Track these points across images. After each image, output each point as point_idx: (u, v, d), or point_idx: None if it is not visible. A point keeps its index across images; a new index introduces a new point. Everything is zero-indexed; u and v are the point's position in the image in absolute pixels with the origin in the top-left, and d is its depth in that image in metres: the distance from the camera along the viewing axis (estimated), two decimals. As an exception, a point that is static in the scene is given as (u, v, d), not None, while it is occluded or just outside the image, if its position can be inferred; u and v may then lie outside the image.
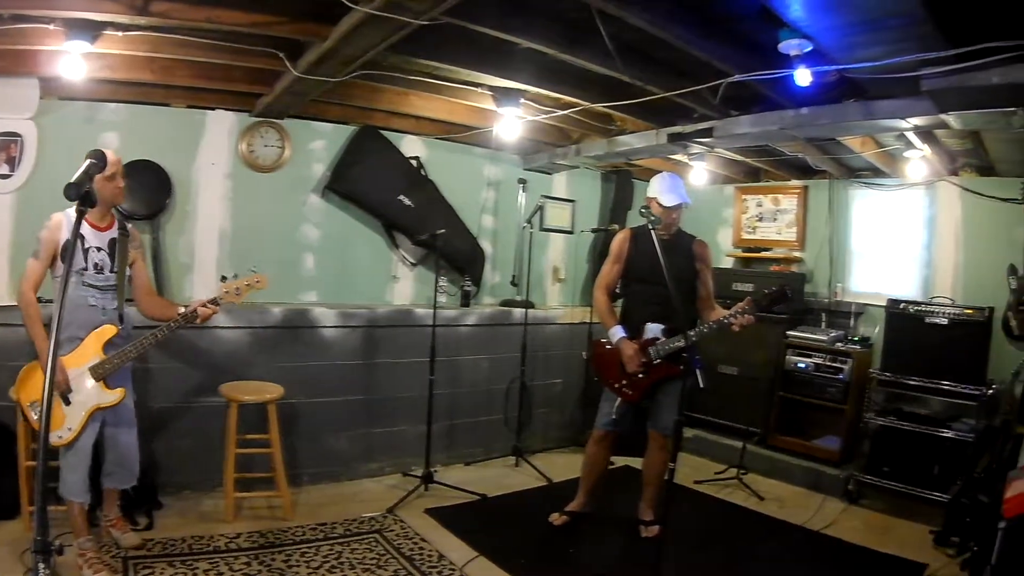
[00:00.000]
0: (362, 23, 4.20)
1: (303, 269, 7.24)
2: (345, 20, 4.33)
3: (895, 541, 6.10)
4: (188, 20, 4.47)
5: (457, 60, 5.43)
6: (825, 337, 7.82)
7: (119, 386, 4.59)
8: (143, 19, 4.45)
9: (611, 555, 5.67)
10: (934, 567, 5.60)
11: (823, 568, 5.76)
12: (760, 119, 6.05)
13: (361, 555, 5.22)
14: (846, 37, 4.36)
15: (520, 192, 8.59)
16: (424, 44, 5.07)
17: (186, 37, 4.98)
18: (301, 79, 5.35)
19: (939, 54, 4.20)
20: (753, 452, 7.76)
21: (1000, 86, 4.21)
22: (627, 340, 5.59)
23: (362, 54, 4.88)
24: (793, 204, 9.00)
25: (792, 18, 4.18)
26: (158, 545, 5.05)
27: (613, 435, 5.92)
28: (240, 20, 4.55)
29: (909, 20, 3.90)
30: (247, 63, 5.42)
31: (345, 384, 6.91)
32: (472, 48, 5.30)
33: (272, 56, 5.20)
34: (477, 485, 6.76)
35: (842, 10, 4.06)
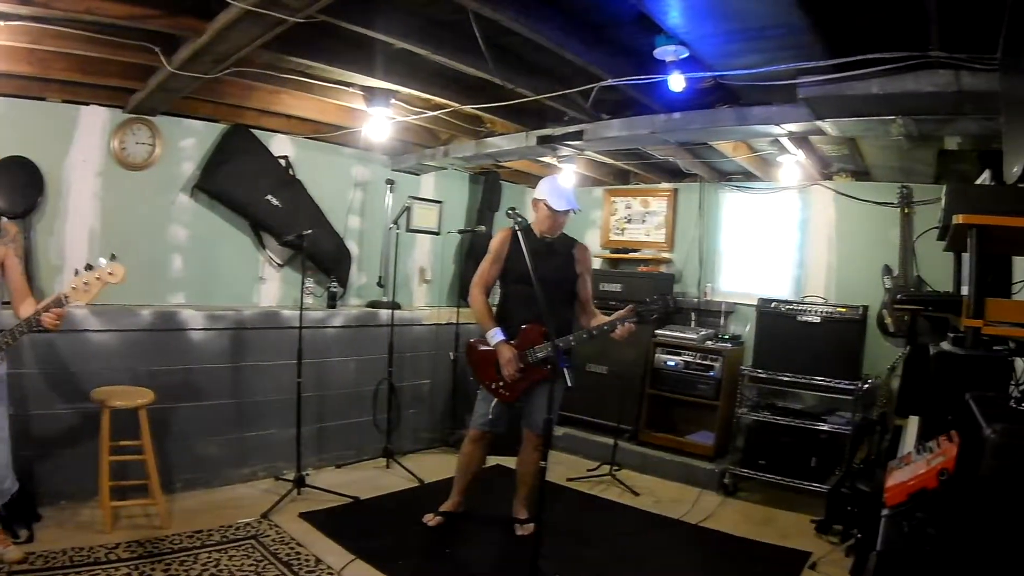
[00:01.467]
0: (239, 19, 4.16)
1: (171, 270, 7.04)
2: (222, 15, 4.26)
3: (777, 531, 6.31)
4: (69, 11, 4.35)
5: (330, 59, 5.42)
6: (695, 336, 8.00)
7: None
8: (25, 8, 4.30)
9: (488, 554, 5.73)
10: (818, 554, 5.77)
11: (706, 559, 5.89)
12: (631, 123, 6.16)
13: (239, 562, 5.12)
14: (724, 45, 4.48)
15: (388, 193, 8.55)
16: (298, 42, 5.04)
17: (65, 28, 4.82)
18: (175, 75, 5.25)
19: (818, 63, 4.34)
20: (625, 449, 7.90)
21: (879, 95, 4.37)
22: (505, 344, 5.58)
23: (236, 51, 4.81)
24: (663, 206, 9.21)
25: (670, 25, 4.27)
26: (40, 559, 4.85)
27: (490, 435, 5.93)
28: (119, 12, 4.44)
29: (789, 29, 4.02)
30: (123, 57, 5.29)
31: (215, 387, 6.75)
32: (346, 47, 5.31)
33: (148, 51, 5.08)
34: (350, 487, 6.72)
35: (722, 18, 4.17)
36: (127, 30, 4.81)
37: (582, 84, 5.41)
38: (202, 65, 5.09)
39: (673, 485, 7.51)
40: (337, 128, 7.51)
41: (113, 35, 4.90)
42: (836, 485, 6.26)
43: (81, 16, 4.42)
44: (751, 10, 3.97)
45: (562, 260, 5.65)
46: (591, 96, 5.56)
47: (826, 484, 6.62)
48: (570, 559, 5.52)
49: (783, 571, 5.64)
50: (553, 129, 6.66)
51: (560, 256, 5.65)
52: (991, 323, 2.53)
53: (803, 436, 7.05)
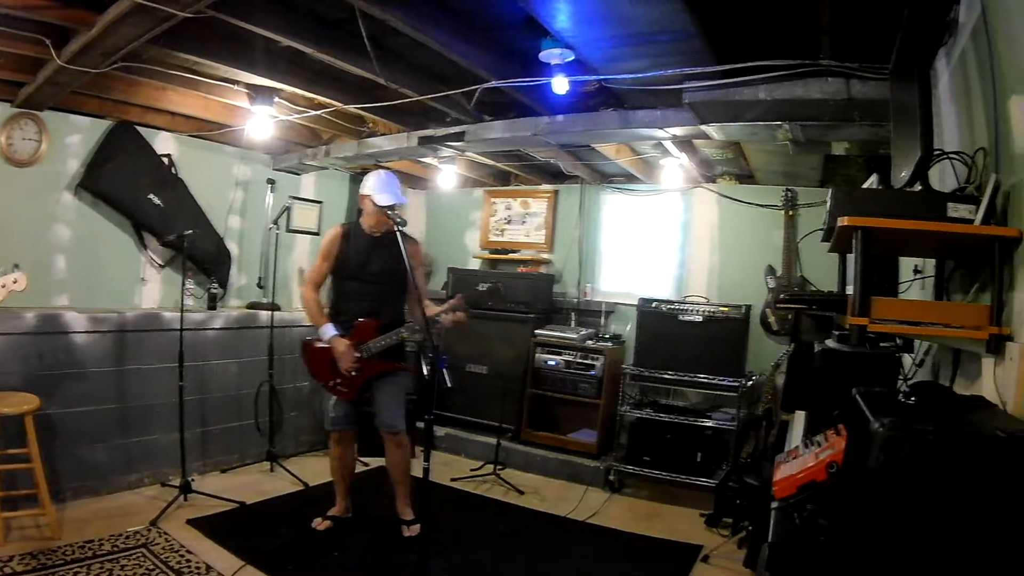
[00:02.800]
0: (129, 12, 4.12)
1: (55, 271, 6.85)
2: (113, 8, 4.22)
3: (666, 526, 6.46)
4: (-41, 1, 4.22)
5: (217, 55, 5.39)
6: (575, 335, 8.11)
7: None
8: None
9: (377, 556, 5.72)
10: (710, 547, 5.93)
11: (596, 555, 5.98)
12: (513, 125, 6.26)
13: (131, 571, 5.03)
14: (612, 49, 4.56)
15: (268, 192, 8.49)
16: (186, 37, 5.00)
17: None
18: (64, 69, 5.16)
19: (705, 69, 4.47)
20: (508, 448, 7.98)
21: (767, 101, 4.53)
22: (339, 338, 5.64)
23: (126, 45, 4.75)
24: (543, 207, 9.32)
25: (557, 28, 4.33)
26: (-68, 575, 4.70)
27: (346, 433, 6.02)
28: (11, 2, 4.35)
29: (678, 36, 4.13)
30: (13, 49, 5.14)
31: (100, 392, 6.56)
32: (234, 44, 5.30)
33: (38, 43, 4.96)
34: (235, 492, 6.66)
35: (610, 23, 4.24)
36: (18, 20, 4.70)
37: (466, 85, 5.46)
38: (91, 59, 5.02)
39: (558, 483, 7.63)
40: (221, 126, 7.41)
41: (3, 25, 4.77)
42: (724, 479, 6.41)
43: (-25, 5, 4.30)
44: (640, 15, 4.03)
45: (393, 254, 5.51)
46: (474, 97, 5.60)
47: (713, 479, 6.81)
48: (458, 559, 5.59)
49: (676, 564, 5.78)
50: (435, 130, 6.71)
51: (391, 250, 5.53)
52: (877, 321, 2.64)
53: (688, 432, 7.22)
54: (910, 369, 3.73)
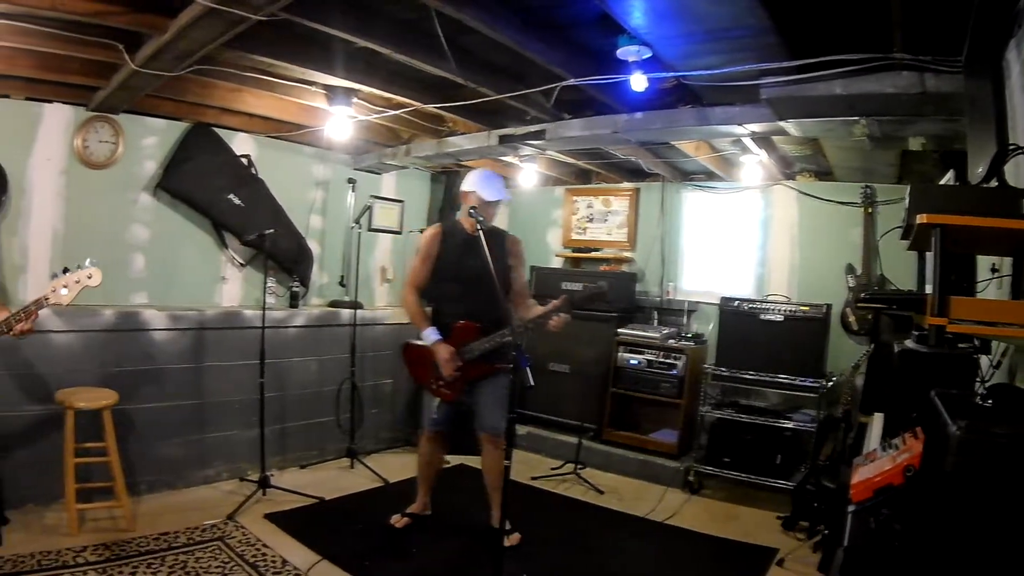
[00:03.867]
0: (201, 16, 4.14)
1: (133, 270, 6.98)
2: (185, 13, 4.24)
3: (742, 528, 6.35)
4: (32, 7, 4.30)
5: (292, 58, 5.40)
6: (657, 334, 8.01)
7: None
8: (-12, 6, 4.24)
9: (454, 554, 5.69)
10: (786, 550, 5.79)
11: (673, 557, 5.90)
12: (592, 123, 6.19)
13: (206, 564, 5.08)
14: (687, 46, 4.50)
15: (349, 192, 8.50)
16: (260, 40, 5.01)
17: (29, 25, 4.78)
18: (137, 73, 5.21)
19: (780, 64, 4.37)
20: (589, 447, 7.87)
21: (842, 96, 4.41)
22: (441, 342, 5.54)
23: (199, 49, 4.79)
24: (624, 206, 9.24)
25: (632, 25, 4.28)
26: (8, 563, 4.80)
27: (440, 434, 5.94)
28: (83, 9, 4.40)
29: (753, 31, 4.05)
30: (86, 54, 5.23)
31: (177, 388, 6.68)
32: (308, 46, 5.30)
33: (111, 48, 5.04)
34: (314, 488, 6.68)
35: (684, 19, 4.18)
36: (90, 27, 4.76)
37: (543, 84, 5.42)
38: (165, 63, 5.05)
39: (637, 483, 7.53)
40: (298, 127, 7.48)
41: (77, 32, 4.86)
42: (801, 482, 6.30)
43: (44, 12, 4.38)
44: (713, 11, 3.99)
45: (494, 253, 5.44)
46: (553, 96, 5.57)
47: (791, 481, 6.66)
48: (536, 558, 5.52)
49: (751, 568, 5.68)
50: (515, 129, 6.68)
51: (492, 249, 5.43)
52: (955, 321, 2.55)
53: (767, 434, 7.10)
54: (987, 371, 3.60)
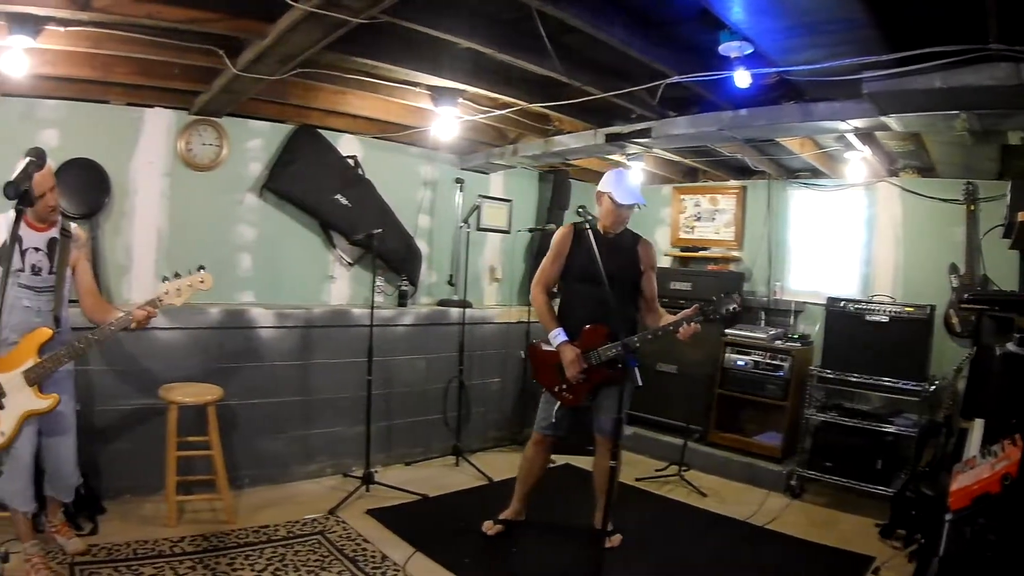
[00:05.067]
0: (301, 21, 4.19)
1: (240, 269, 7.16)
2: (284, 17, 4.30)
3: (840, 535, 6.19)
4: (129, 16, 4.42)
5: (395, 59, 5.42)
6: (764, 335, 7.90)
7: (53, 392, 4.43)
8: (85, 14, 4.37)
9: (553, 555, 5.66)
10: (881, 559, 5.65)
11: (770, 562, 5.79)
12: (697, 120, 6.10)
13: (304, 557, 5.19)
14: (786, 40, 4.40)
15: (457, 192, 8.55)
16: (362, 43, 5.06)
17: (126, 33, 4.90)
18: (239, 77, 5.31)
19: (880, 58, 4.26)
20: (693, 449, 7.80)
21: (942, 90, 4.28)
22: (568, 345, 5.41)
23: (300, 52, 4.85)
24: (731, 204, 9.11)
25: (732, 20, 4.22)
26: (103, 551, 4.97)
27: (552, 439, 5.78)
28: (179, 16, 4.51)
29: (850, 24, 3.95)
30: (186, 60, 5.34)
31: (282, 385, 6.85)
32: (410, 47, 5.31)
33: (211, 53, 5.15)
34: (418, 485, 6.74)
35: (783, 13, 4.10)
36: (189, 33, 4.88)
37: (647, 81, 5.36)
38: (266, 67, 5.14)
39: (740, 486, 7.43)
40: (404, 127, 7.53)
41: (175, 38, 4.97)
42: (901, 489, 6.14)
43: (141, 20, 4.50)
44: (810, 5, 3.92)
45: (626, 257, 5.46)
46: (657, 93, 5.51)
47: (891, 487, 6.49)
48: (636, 560, 5.50)
49: None
50: (621, 127, 6.62)
51: (623, 253, 5.45)
52: None
53: (869, 438, 6.91)
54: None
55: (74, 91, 6.18)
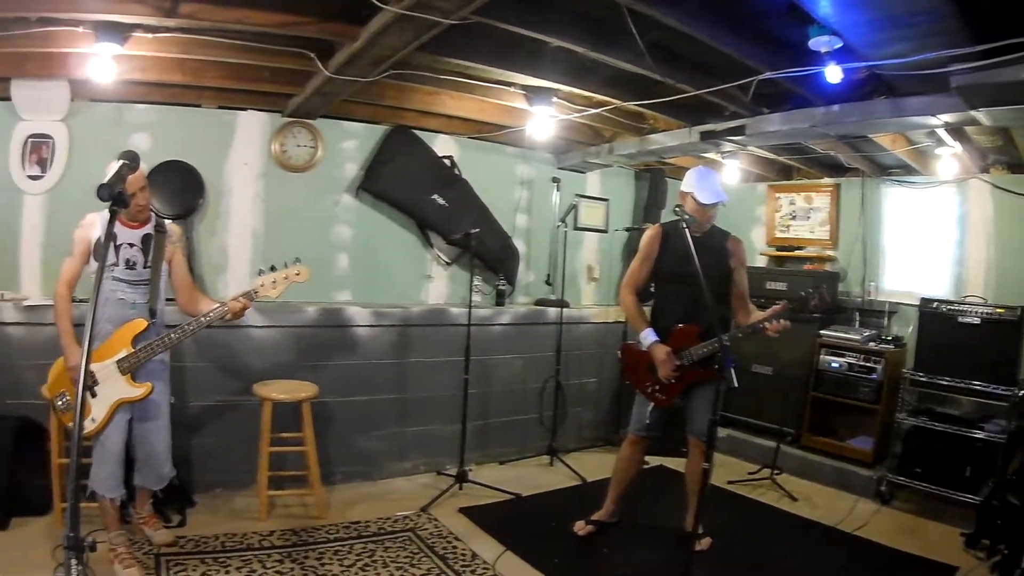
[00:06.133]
0: (392, 23, 4.22)
1: (337, 268, 7.29)
2: (375, 20, 4.34)
3: (926, 543, 6.03)
4: (217, 21, 4.52)
5: (488, 59, 5.46)
6: (858, 337, 7.72)
7: (147, 381, 4.57)
8: (172, 21, 4.48)
9: (643, 556, 5.61)
10: (964, 570, 5.52)
11: (856, 570, 5.68)
12: (790, 117, 6.02)
13: (394, 554, 5.23)
14: (874, 33, 4.31)
15: (554, 191, 8.50)
16: (454, 43, 5.09)
17: (215, 38, 5.04)
18: (332, 79, 5.38)
19: (966, 50, 4.15)
20: (786, 452, 7.67)
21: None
22: (659, 345, 5.36)
23: (392, 54, 4.89)
24: (825, 202, 8.92)
25: (821, 15, 4.16)
26: (190, 542, 5.10)
27: (647, 440, 5.73)
28: (269, 21, 4.60)
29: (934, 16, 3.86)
30: (277, 63, 5.48)
31: (378, 383, 6.93)
32: (502, 47, 5.33)
33: (302, 56, 5.24)
34: (511, 484, 6.76)
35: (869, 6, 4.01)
36: (279, 37, 4.97)
37: (738, 78, 5.30)
38: (359, 69, 5.21)
39: (830, 491, 7.27)
40: (499, 127, 7.57)
41: (266, 42, 5.08)
42: (987, 497, 5.92)
43: (230, 25, 4.61)
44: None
45: (715, 255, 5.34)
46: (750, 90, 5.43)
47: (978, 495, 6.25)
48: (724, 564, 5.43)
49: (927, 586, 5.46)
50: (715, 124, 6.56)
51: (712, 251, 5.32)
52: None
53: (958, 444, 6.67)
54: None
55: (165, 95, 6.38)
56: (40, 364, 4.94)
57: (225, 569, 4.75)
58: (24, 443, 5.41)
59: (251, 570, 4.78)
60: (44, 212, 6.19)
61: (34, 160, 6.17)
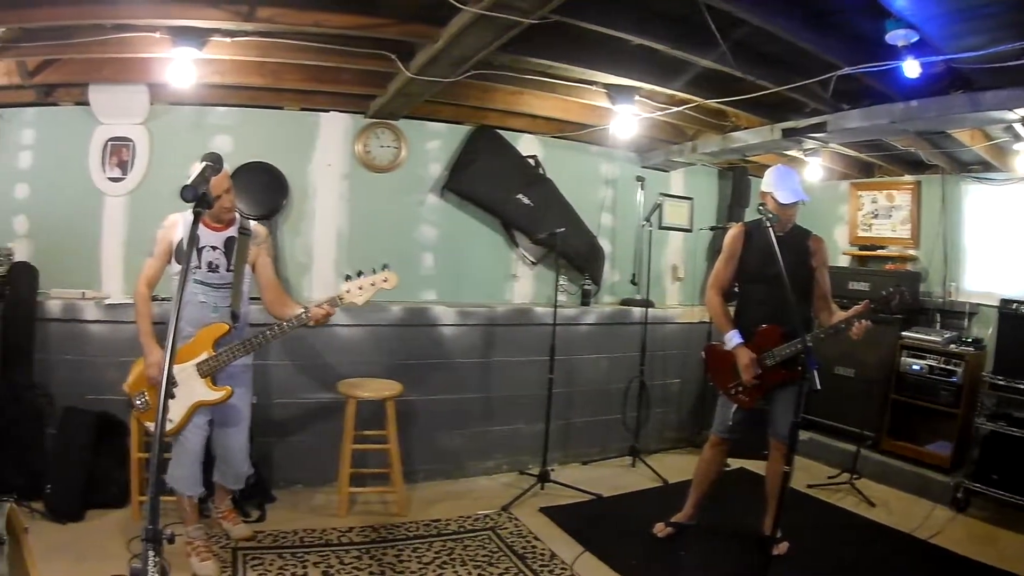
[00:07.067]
0: (471, 23, 4.24)
1: (422, 268, 7.37)
2: (454, 21, 4.37)
3: (999, 553, 5.85)
4: (295, 24, 4.62)
5: (569, 58, 5.45)
6: (939, 338, 7.50)
7: (228, 385, 4.63)
8: (249, 25, 4.58)
9: (722, 560, 5.54)
10: (1037, 581, 5.38)
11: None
12: (870, 113, 5.91)
13: (473, 552, 5.26)
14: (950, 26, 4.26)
15: (638, 190, 8.48)
16: (535, 43, 5.08)
17: (294, 41, 5.10)
18: (413, 80, 5.42)
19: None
20: (865, 456, 7.50)
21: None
22: (743, 347, 5.30)
23: (473, 54, 4.91)
24: (907, 200, 8.68)
25: (896, 8, 4.11)
26: (268, 537, 5.19)
27: (729, 442, 5.67)
28: (347, 23, 4.66)
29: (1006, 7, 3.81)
30: (358, 65, 5.53)
31: (462, 382, 6.97)
32: (583, 46, 5.31)
33: (383, 58, 5.28)
34: (593, 484, 6.72)
35: (942, 0, 3.97)
36: (359, 39, 5.02)
37: (817, 74, 5.23)
38: (440, 69, 5.24)
39: (907, 497, 7.08)
40: (582, 126, 7.55)
41: (345, 44, 5.14)
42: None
43: (309, 28, 4.69)
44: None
45: (797, 254, 5.25)
46: (830, 86, 5.35)
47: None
48: (800, 569, 5.33)
49: (997, 598, 5.32)
50: (796, 121, 6.47)
51: (794, 250, 5.22)
52: None
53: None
54: None
55: (245, 98, 6.53)
56: (120, 361, 5.07)
57: (302, 564, 4.82)
58: (103, 438, 5.62)
59: (328, 566, 4.83)
60: (125, 213, 6.41)
61: (114, 162, 6.39)
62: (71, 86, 6.24)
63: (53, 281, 6.11)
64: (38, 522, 5.14)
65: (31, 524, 4.19)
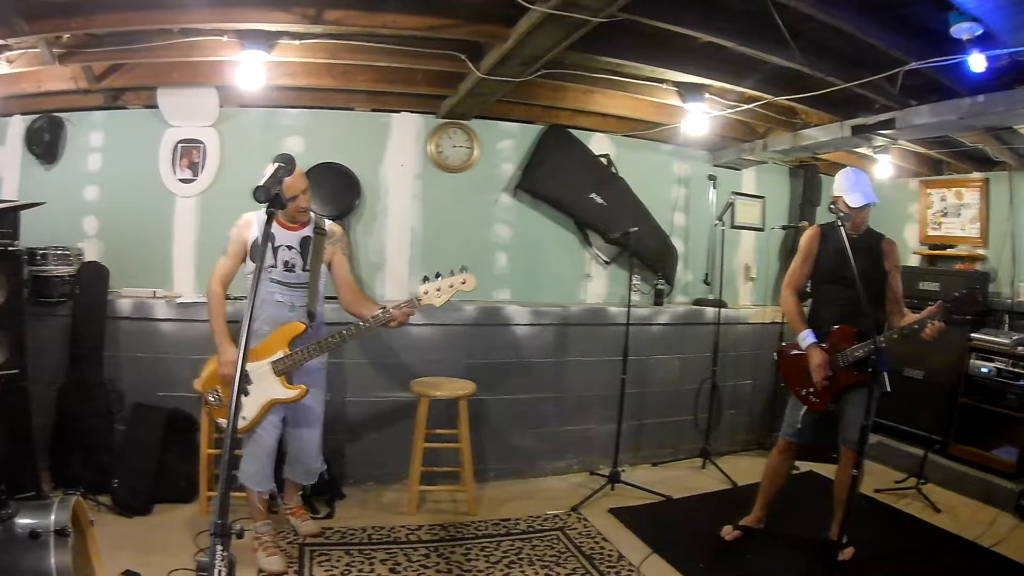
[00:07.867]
0: (540, 23, 4.26)
1: (496, 267, 7.40)
2: (523, 21, 4.40)
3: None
4: (363, 26, 4.68)
5: (638, 56, 5.46)
6: (1007, 340, 7.24)
7: (303, 383, 4.69)
8: (318, 27, 4.66)
9: (787, 564, 5.50)
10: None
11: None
12: (938, 108, 5.82)
13: (541, 552, 5.28)
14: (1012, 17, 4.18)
15: (710, 188, 8.44)
16: (604, 41, 5.10)
17: (364, 43, 5.16)
18: (484, 80, 5.45)
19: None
20: (933, 461, 7.34)
21: None
22: (816, 347, 5.29)
23: (543, 54, 4.92)
24: (975, 198, 8.46)
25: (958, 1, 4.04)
26: (336, 534, 5.26)
27: (797, 446, 5.64)
28: (416, 24, 4.71)
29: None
30: (428, 66, 5.58)
31: (535, 381, 6.98)
32: (652, 44, 5.33)
33: (452, 59, 5.33)
34: (662, 486, 6.70)
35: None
36: (428, 40, 5.08)
37: (883, 69, 5.18)
38: (510, 69, 5.26)
39: (973, 503, 6.92)
40: (654, 125, 7.53)
41: (415, 45, 5.20)
42: None
43: (378, 30, 4.75)
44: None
45: (870, 257, 5.23)
46: (897, 81, 5.30)
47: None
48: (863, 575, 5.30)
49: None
50: (865, 118, 6.39)
51: (867, 253, 5.19)
52: None
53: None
54: None
55: (316, 100, 6.63)
56: (191, 359, 5.24)
57: (369, 561, 4.88)
58: (173, 433, 5.76)
59: (396, 563, 4.89)
60: (197, 214, 6.56)
61: (185, 164, 6.55)
62: (139, 89, 6.41)
63: (124, 280, 6.29)
64: (104, 515, 5.28)
65: (97, 517, 4.25)
